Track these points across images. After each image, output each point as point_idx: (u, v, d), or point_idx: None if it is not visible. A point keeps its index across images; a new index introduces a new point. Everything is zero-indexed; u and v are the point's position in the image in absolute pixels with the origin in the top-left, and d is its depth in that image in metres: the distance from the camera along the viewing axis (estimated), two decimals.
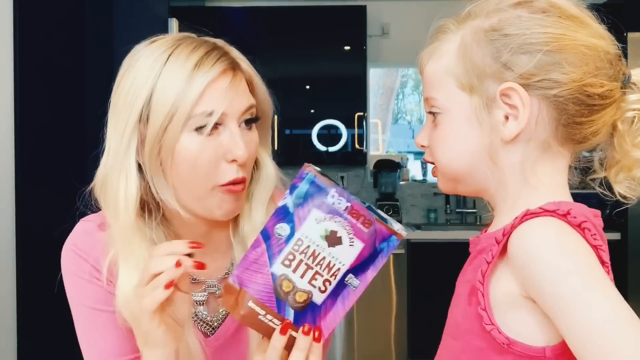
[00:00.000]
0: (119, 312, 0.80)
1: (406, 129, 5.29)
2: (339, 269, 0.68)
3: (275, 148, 0.94)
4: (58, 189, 1.56)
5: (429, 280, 3.13)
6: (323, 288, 0.68)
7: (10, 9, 1.88)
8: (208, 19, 3.45)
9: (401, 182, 3.71)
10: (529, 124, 0.64)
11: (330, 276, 0.68)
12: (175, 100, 0.76)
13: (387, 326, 3.20)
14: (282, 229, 0.68)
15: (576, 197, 0.68)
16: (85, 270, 0.85)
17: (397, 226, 0.68)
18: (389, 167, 3.60)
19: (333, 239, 0.67)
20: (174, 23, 2.36)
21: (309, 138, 3.50)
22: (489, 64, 0.65)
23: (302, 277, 0.68)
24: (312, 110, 3.52)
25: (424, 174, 3.84)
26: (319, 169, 0.68)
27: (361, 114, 3.46)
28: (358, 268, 0.68)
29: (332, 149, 3.50)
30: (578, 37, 0.63)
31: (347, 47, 3.48)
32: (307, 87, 3.52)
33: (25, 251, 1.90)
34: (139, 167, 0.80)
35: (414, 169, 3.96)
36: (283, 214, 0.68)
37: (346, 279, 0.69)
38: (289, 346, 0.69)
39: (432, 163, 0.73)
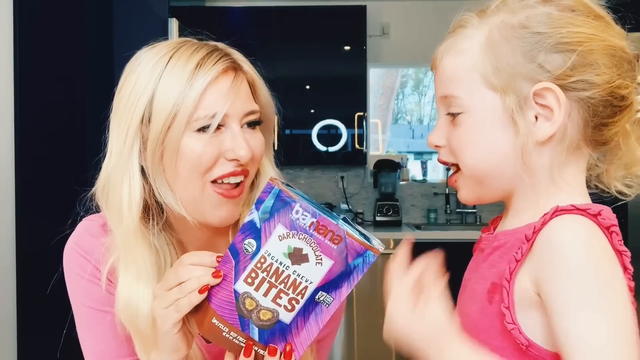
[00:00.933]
0: (118, 317, 0.80)
1: (406, 129, 5.29)
2: (306, 287, 0.66)
3: (275, 148, 0.93)
4: (59, 193, 1.56)
5: None
6: (290, 307, 0.66)
7: (10, 10, 1.88)
8: (208, 19, 3.45)
9: (401, 182, 3.71)
10: (562, 125, 0.63)
11: (297, 295, 0.66)
12: (177, 100, 0.76)
13: None
14: (250, 244, 0.66)
15: None
16: (86, 270, 0.85)
17: (374, 241, 0.65)
18: (389, 167, 3.60)
19: (298, 257, 0.65)
20: (174, 23, 2.36)
21: (309, 138, 3.49)
22: (521, 62, 0.63)
23: (265, 295, 0.66)
24: (312, 110, 3.52)
25: (424, 174, 3.83)
26: (285, 182, 0.67)
27: (361, 114, 3.46)
28: (330, 285, 0.66)
29: (332, 149, 3.49)
30: (607, 38, 0.63)
31: (347, 47, 3.48)
32: (307, 87, 3.52)
33: (26, 254, 1.90)
34: (142, 170, 0.80)
35: (414, 169, 3.95)
36: (250, 230, 0.66)
37: (317, 297, 0.66)
38: None
39: (448, 164, 0.71)
